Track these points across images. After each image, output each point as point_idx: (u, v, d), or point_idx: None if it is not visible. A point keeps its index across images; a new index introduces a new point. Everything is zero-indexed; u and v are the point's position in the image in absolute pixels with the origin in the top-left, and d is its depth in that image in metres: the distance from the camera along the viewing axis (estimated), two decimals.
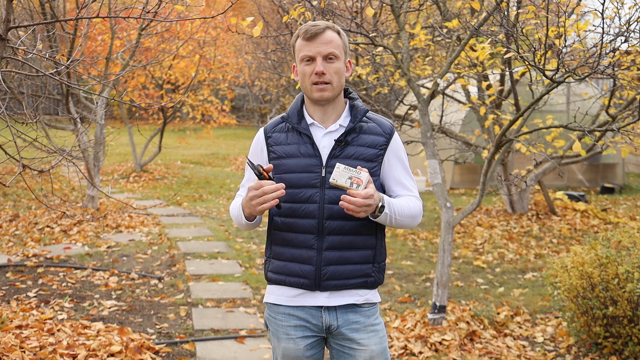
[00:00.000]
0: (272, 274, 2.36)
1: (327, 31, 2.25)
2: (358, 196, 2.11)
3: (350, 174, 2.13)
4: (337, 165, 2.14)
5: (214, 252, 6.97)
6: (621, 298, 3.98)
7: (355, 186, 2.13)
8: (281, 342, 2.34)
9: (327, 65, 2.24)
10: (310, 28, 2.25)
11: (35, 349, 3.91)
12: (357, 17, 4.82)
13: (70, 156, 3.35)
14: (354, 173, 2.14)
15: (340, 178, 2.13)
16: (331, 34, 2.26)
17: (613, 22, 4.04)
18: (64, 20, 2.72)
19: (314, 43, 2.24)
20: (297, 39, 2.29)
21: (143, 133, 14.47)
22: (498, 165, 4.72)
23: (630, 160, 14.39)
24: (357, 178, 2.13)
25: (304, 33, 2.26)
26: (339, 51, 2.26)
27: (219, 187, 11.94)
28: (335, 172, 2.14)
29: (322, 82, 2.24)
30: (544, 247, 7.57)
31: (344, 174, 2.13)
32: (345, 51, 2.31)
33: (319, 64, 2.23)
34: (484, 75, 7.00)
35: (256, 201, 2.15)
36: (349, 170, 2.14)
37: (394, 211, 2.23)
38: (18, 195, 9.96)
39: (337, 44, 2.26)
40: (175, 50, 9.83)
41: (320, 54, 2.23)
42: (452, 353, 4.23)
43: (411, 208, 2.29)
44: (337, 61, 2.26)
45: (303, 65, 2.27)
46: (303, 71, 2.27)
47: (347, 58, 2.31)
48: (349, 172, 2.13)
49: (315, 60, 2.24)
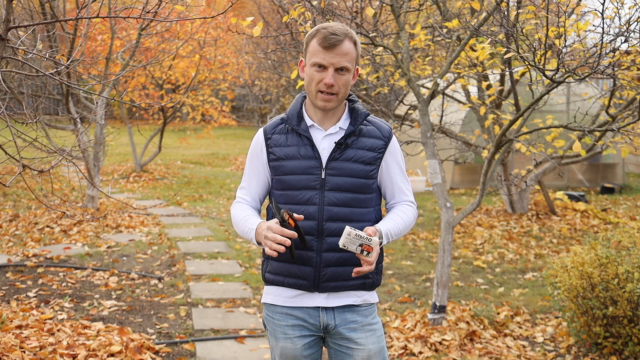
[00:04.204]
0: (270, 275, 2.36)
1: (345, 42, 2.20)
2: (368, 264, 2.14)
3: (361, 241, 2.11)
4: (347, 231, 2.11)
5: (214, 252, 6.97)
6: (621, 298, 3.98)
7: (366, 253, 2.12)
8: (279, 342, 2.34)
9: (338, 77, 2.21)
10: (329, 36, 2.18)
11: (35, 349, 3.91)
12: (357, 17, 4.82)
13: (70, 156, 3.35)
14: (365, 240, 2.12)
15: (351, 245, 2.12)
16: (348, 45, 2.20)
17: (613, 22, 4.04)
18: (64, 20, 2.72)
19: (330, 53, 2.19)
20: (313, 39, 2.23)
21: (143, 133, 14.49)
22: (498, 165, 4.72)
23: (630, 160, 14.39)
24: (367, 245, 2.12)
25: (322, 40, 2.19)
26: (352, 64, 2.23)
27: (219, 187, 11.94)
28: (346, 239, 2.11)
29: (329, 93, 2.23)
30: (544, 247, 7.57)
31: (355, 241, 2.11)
32: (357, 61, 2.28)
33: (329, 76, 2.19)
34: (484, 75, 7.00)
35: (270, 243, 2.14)
36: (359, 237, 2.11)
37: (391, 237, 2.29)
38: (18, 195, 9.96)
39: (351, 57, 2.22)
40: (175, 50, 9.83)
41: (333, 65, 2.20)
42: (452, 353, 4.23)
43: (405, 221, 2.34)
44: (348, 74, 2.23)
45: (313, 70, 2.23)
46: (312, 75, 2.23)
47: (356, 66, 2.28)
48: (359, 240, 2.11)
49: (326, 70, 2.21)
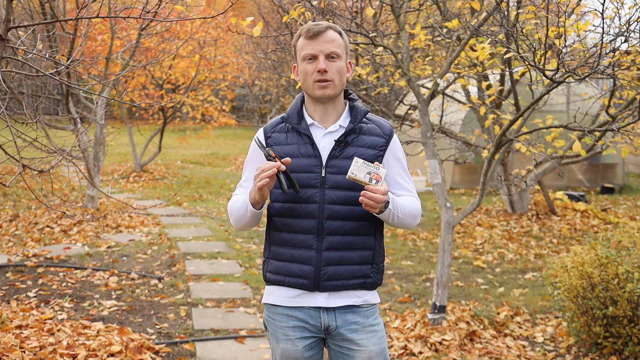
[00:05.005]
0: (271, 275, 2.35)
1: (329, 31, 2.27)
2: (378, 192, 2.11)
3: (369, 169, 2.10)
4: (355, 160, 2.12)
5: (214, 252, 6.97)
6: (621, 298, 3.98)
7: (375, 182, 2.11)
8: (280, 343, 2.34)
9: (329, 63, 2.26)
10: (312, 27, 2.26)
11: (35, 349, 3.91)
12: (357, 17, 4.82)
13: (70, 156, 3.35)
14: (373, 168, 2.11)
15: (360, 173, 2.10)
16: (333, 33, 2.28)
17: (613, 22, 4.04)
18: (64, 20, 2.72)
19: (316, 42, 2.25)
20: (299, 38, 2.31)
21: (143, 133, 14.48)
22: (498, 165, 4.72)
23: (630, 160, 14.39)
24: (375, 174, 2.11)
25: (306, 32, 2.27)
26: (341, 50, 2.28)
27: (219, 187, 11.94)
28: (354, 166, 2.11)
29: (325, 80, 2.25)
30: (544, 247, 7.57)
31: (363, 169, 2.10)
32: (346, 51, 2.32)
33: (321, 62, 2.24)
34: (484, 75, 7.00)
35: (258, 177, 2.13)
36: (367, 165, 2.11)
37: (397, 209, 2.24)
38: (18, 195, 9.96)
39: (338, 43, 2.28)
40: (175, 50, 9.83)
41: (322, 52, 2.25)
42: (452, 353, 4.23)
43: (412, 207, 2.32)
44: (339, 60, 2.27)
45: (305, 64, 2.28)
46: (305, 70, 2.28)
47: (347, 59, 2.33)
48: (367, 167, 2.10)
49: (317, 59, 2.26)
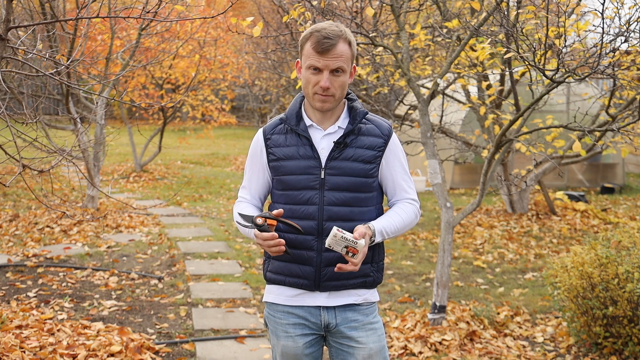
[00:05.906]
0: (272, 274, 2.37)
1: (340, 44, 2.20)
2: (352, 264, 2.15)
3: (347, 243, 2.11)
4: (333, 232, 2.11)
5: (214, 252, 6.97)
6: (621, 298, 3.98)
7: (351, 255, 2.12)
8: (280, 340, 2.35)
9: (333, 79, 2.22)
10: (323, 41, 2.18)
11: (35, 349, 3.91)
12: (357, 17, 4.82)
13: (70, 156, 3.35)
14: (351, 243, 2.11)
15: (337, 246, 2.12)
16: (342, 47, 2.21)
17: (613, 22, 4.04)
18: (64, 20, 2.72)
19: (324, 57, 2.20)
20: (307, 42, 2.24)
21: (143, 133, 14.48)
22: (498, 165, 4.72)
23: (630, 160, 14.39)
24: (353, 247, 2.12)
25: (316, 44, 2.19)
26: (347, 64, 2.23)
27: (219, 187, 11.94)
28: (332, 240, 2.11)
29: (325, 95, 2.23)
30: (544, 247, 7.57)
31: (340, 243, 2.11)
32: (353, 60, 2.28)
33: (325, 79, 2.20)
34: (484, 75, 7.00)
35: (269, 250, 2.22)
36: (344, 240, 2.11)
37: (386, 234, 2.27)
38: (18, 195, 9.96)
39: (346, 57, 2.22)
40: (175, 50, 9.83)
41: (328, 68, 2.20)
42: (452, 353, 4.23)
43: (404, 219, 2.32)
44: (344, 75, 2.24)
45: (309, 73, 2.23)
46: (308, 78, 2.24)
47: (352, 65, 2.28)
48: (345, 242, 2.11)
49: (322, 72, 2.21)
